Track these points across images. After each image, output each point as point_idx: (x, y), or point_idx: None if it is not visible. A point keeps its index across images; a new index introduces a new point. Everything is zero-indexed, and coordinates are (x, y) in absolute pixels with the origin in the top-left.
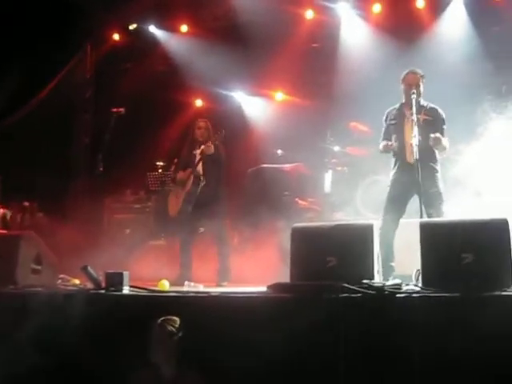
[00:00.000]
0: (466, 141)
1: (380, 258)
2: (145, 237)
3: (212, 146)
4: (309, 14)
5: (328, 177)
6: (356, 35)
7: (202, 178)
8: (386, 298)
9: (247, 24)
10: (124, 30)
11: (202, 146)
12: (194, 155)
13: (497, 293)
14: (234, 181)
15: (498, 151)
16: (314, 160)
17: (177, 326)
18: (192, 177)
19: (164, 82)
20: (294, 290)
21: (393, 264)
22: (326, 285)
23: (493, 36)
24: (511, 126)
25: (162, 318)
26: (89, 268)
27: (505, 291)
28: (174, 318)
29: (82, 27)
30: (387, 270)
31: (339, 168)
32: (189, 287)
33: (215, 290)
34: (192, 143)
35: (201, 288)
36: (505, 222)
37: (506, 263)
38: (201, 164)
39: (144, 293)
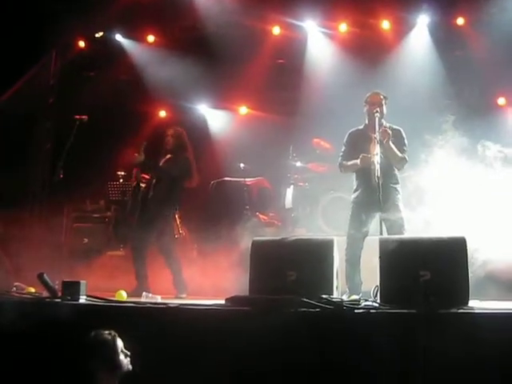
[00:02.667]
0: (423, 159)
1: (346, 276)
2: (103, 247)
3: (140, 156)
4: (276, 31)
5: (289, 192)
6: (322, 53)
7: (150, 187)
8: (344, 313)
9: (214, 37)
10: (90, 38)
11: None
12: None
13: (453, 310)
14: (196, 193)
15: (455, 171)
16: (276, 175)
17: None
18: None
19: (128, 92)
20: (252, 304)
21: (361, 280)
22: (284, 299)
23: (455, 60)
24: (465, 147)
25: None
26: (45, 276)
27: (461, 309)
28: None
29: (48, 33)
30: (356, 286)
31: (301, 184)
32: (146, 298)
33: (173, 301)
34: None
35: (158, 299)
36: (462, 241)
37: (462, 281)
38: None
39: (101, 303)
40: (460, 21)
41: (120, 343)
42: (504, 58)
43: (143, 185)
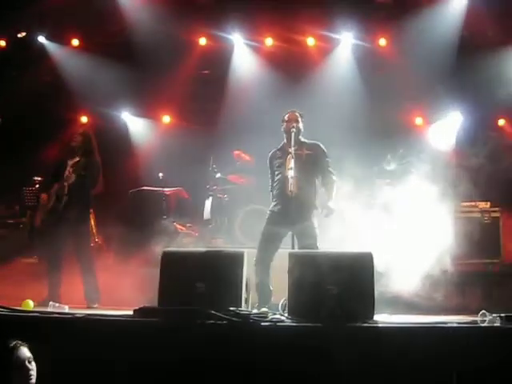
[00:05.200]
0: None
1: (255, 287)
2: (16, 254)
3: (72, 176)
4: (202, 41)
5: (208, 203)
6: (247, 66)
7: (65, 194)
8: (250, 325)
9: (140, 45)
10: (12, 38)
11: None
12: (66, 166)
13: (358, 324)
14: (113, 201)
15: (367, 187)
16: (196, 185)
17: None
18: (56, 191)
19: (49, 95)
20: (160, 315)
21: (271, 292)
22: (192, 310)
23: (376, 79)
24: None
25: (16, 342)
26: None
27: (366, 323)
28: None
29: None
30: (266, 298)
31: (220, 195)
32: (53, 308)
33: (81, 311)
34: (68, 152)
35: (66, 309)
36: (369, 256)
37: (368, 296)
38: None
39: (5, 312)
40: (382, 41)
41: (22, 354)
42: (422, 79)
43: (64, 191)
